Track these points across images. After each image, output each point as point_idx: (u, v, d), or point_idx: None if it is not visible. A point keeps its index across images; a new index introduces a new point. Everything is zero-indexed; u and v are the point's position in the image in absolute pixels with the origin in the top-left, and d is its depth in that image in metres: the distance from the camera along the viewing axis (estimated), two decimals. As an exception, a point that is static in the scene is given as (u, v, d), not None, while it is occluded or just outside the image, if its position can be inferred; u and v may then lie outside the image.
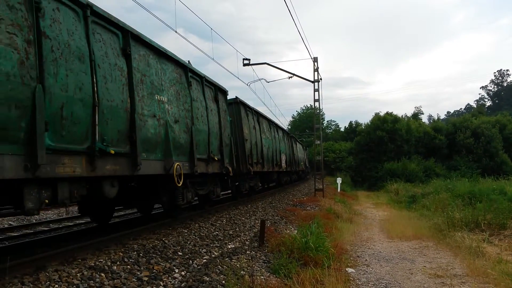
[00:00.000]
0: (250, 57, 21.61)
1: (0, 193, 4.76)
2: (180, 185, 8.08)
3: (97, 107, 5.69)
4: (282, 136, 23.64)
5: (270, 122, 20.50)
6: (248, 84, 27.17)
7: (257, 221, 10.48)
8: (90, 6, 5.84)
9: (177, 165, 8.02)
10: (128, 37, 6.84)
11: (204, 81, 10.42)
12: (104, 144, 5.85)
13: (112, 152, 5.98)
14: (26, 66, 4.52)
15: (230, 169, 11.67)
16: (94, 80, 5.72)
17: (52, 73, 4.93)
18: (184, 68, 9.24)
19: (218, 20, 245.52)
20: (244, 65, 21.70)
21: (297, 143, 32.94)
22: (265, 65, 22.59)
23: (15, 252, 6.10)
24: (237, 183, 14.40)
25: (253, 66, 22.02)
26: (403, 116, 46.15)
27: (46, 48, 4.86)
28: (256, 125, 16.56)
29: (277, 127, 22.53)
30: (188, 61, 9.73)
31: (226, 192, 13.99)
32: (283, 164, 22.27)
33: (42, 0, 4.90)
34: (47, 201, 5.07)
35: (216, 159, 10.66)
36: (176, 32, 13.06)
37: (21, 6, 4.57)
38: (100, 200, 7.23)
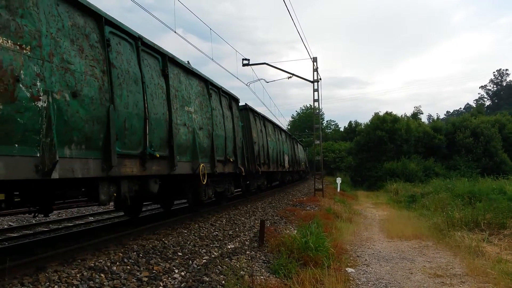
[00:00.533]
0: (249, 57, 21.61)
1: (81, 188, 6.41)
2: (204, 183, 9.51)
3: (147, 120, 7.10)
4: (285, 138, 25.21)
5: (274, 125, 22.09)
6: (248, 84, 27.30)
7: (256, 221, 10.49)
8: (141, 38, 7.30)
9: (202, 166, 9.46)
10: (166, 60, 8.26)
11: (220, 92, 12.05)
12: (152, 149, 7.24)
13: (157, 155, 7.40)
14: (103, 91, 5.90)
15: (243, 169, 13.14)
16: (145, 98, 7.11)
17: (119, 95, 6.33)
18: (205, 82, 10.79)
19: (217, 20, 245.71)
20: (244, 65, 21.70)
21: (298, 144, 34.44)
22: (265, 65, 22.62)
23: (15, 252, 6.10)
24: (248, 182, 15.66)
25: (252, 66, 22.04)
26: (403, 115, 46.05)
27: (114, 75, 6.25)
28: (263, 128, 17.96)
29: (280, 129, 24.06)
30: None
31: (237, 190, 15.02)
32: (286, 164, 23.72)
33: (110, 38, 6.36)
34: (115, 194, 6.54)
35: (231, 160, 12.19)
36: (175, 32, 13.03)
37: (98, 44, 5.99)
38: (145, 195, 8.28)
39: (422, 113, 61.11)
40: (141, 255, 6.08)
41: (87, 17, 5.89)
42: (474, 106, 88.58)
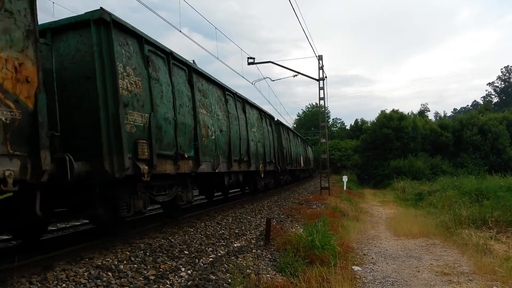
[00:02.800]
0: (254, 56, 21.66)
1: (216, 178, 10.66)
2: (262, 176, 15.07)
3: (177, 125, 7.99)
4: (300, 142, 30.96)
5: (294, 133, 28.63)
6: (253, 83, 27.21)
7: (262, 220, 10.49)
8: (171, 53, 8.17)
9: (261, 165, 14.83)
10: (191, 71, 9.23)
11: (266, 115, 17.35)
12: (182, 150, 8.13)
13: (186, 156, 8.35)
14: (145, 103, 6.98)
15: (279, 168, 18.96)
16: (175, 106, 8.05)
17: (156, 105, 7.29)
18: (259, 110, 16.36)
19: (222, 19, 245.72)
20: (249, 64, 21.69)
21: (308, 146, 39.86)
22: (270, 63, 22.59)
23: (23, 251, 6.15)
24: (281, 177, 21.90)
25: (258, 65, 22.02)
26: (409, 113, 45.93)
27: (153, 89, 7.24)
28: (287, 136, 23.67)
29: (297, 136, 30.13)
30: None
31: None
32: (302, 164, 29.85)
33: (151, 56, 7.41)
34: (230, 181, 11.59)
35: (273, 161, 17.52)
36: (180, 31, 13.06)
37: (140, 61, 7.03)
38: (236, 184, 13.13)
39: (429, 111, 60.96)
40: (148, 253, 6.12)
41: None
42: (482, 103, 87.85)
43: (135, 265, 5.48)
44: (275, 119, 20.40)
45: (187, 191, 9.11)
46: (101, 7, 6.15)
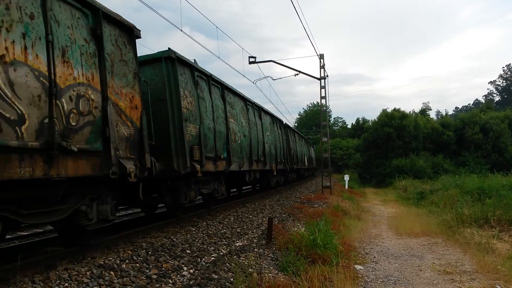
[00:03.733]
0: (256, 55, 21.71)
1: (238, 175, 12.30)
2: (275, 174, 17.75)
3: (215, 133, 10.22)
4: (304, 143, 33.41)
5: (299, 135, 31.07)
6: (255, 82, 27.46)
7: (264, 219, 10.49)
8: (210, 76, 10.47)
9: (274, 165, 17.12)
10: (224, 88, 11.54)
11: (277, 120, 20.14)
12: (219, 153, 10.35)
13: (221, 157, 10.55)
14: (197, 117, 9.22)
15: (288, 167, 21.58)
16: (214, 118, 10.32)
17: (203, 118, 9.54)
18: (272, 116, 19.07)
19: (224, 18, 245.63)
20: (250, 63, 21.68)
21: (311, 146, 42.29)
22: (271, 62, 22.56)
23: (26, 251, 6.16)
24: (289, 175, 24.21)
25: (259, 64, 22.02)
26: (411, 112, 45.75)
27: (200, 106, 9.49)
28: (294, 138, 26.29)
29: (302, 137, 32.87)
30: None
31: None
32: (306, 163, 32.58)
33: (198, 79, 9.64)
34: (251, 178, 13.84)
35: (283, 161, 20.06)
36: (181, 31, 13.08)
37: (192, 85, 9.21)
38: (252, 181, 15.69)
39: (431, 109, 60.80)
40: (150, 252, 6.12)
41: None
42: (483, 101, 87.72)
43: (137, 264, 5.49)
44: (283, 123, 22.88)
45: (221, 185, 11.36)
46: (169, 48, 8.43)
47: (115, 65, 6.32)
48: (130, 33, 6.86)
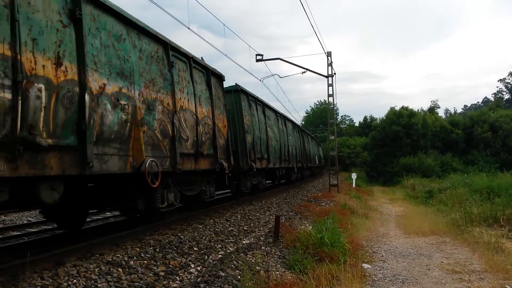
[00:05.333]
0: (263, 53, 21.69)
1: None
2: (296, 171, 22.10)
3: (261, 140, 14.24)
4: (315, 143, 37.88)
5: (312, 136, 35.89)
6: (262, 80, 27.18)
7: (271, 217, 10.49)
8: (257, 98, 14.67)
9: (295, 164, 21.16)
10: (264, 105, 15.96)
11: (296, 126, 24.85)
12: (262, 155, 14.24)
13: (264, 157, 14.68)
14: (251, 129, 13.39)
15: (304, 165, 26.12)
16: (260, 128, 14.52)
17: (254, 129, 13.66)
18: (295, 124, 23.85)
19: (230, 15, 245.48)
20: (257, 60, 21.66)
21: (319, 145, 45.73)
22: (278, 60, 22.53)
23: (35, 247, 6.21)
24: (306, 172, 28.95)
25: (266, 62, 22.00)
26: (419, 110, 45.36)
27: (253, 121, 13.60)
28: (308, 140, 30.71)
29: (314, 138, 37.31)
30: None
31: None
32: (317, 161, 36.98)
33: (251, 102, 13.73)
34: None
35: (301, 160, 24.40)
36: (189, 29, 13.08)
37: (248, 106, 13.43)
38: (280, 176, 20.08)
39: (439, 107, 59.99)
40: (157, 250, 6.14)
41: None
42: (493, 99, 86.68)
43: (145, 261, 5.51)
44: (300, 127, 27.54)
45: (263, 178, 15.83)
46: (236, 83, 12.97)
47: (216, 101, 10.35)
48: (221, 79, 11.05)
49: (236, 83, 12.80)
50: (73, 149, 5.11)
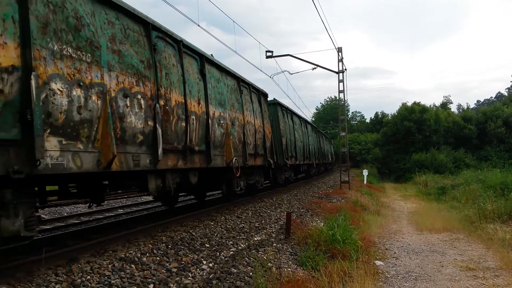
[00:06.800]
0: (272, 49, 21.52)
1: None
2: (314, 166, 26.91)
3: (291, 141, 17.84)
4: (328, 141, 40.57)
5: (325, 135, 38.80)
6: (272, 77, 27.47)
7: (282, 214, 10.47)
8: (287, 107, 18.59)
9: (313, 160, 25.03)
10: (292, 112, 19.65)
11: (314, 127, 28.68)
12: (292, 153, 17.74)
13: (293, 156, 17.77)
14: (285, 133, 16.97)
15: (320, 162, 29.29)
16: (289, 132, 17.93)
17: (288, 133, 17.55)
18: (315, 128, 29.60)
19: (240, 12, 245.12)
20: (267, 57, 21.56)
21: (331, 142, 47.53)
22: (288, 57, 22.44)
23: (49, 244, 6.29)
24: (321, 168, 33.26)
25: (276, 58, 21.91)
26: (432, 105, 44.93)
27: (285, 126, 17.16)
28: (323, 139, 33.58)
29: (326, 137, 39.65)
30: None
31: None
32: (329, 158, 40.15)
33: (284, 112, 17.80)
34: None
35: (317, 157, 27.57)
36: (198, 25, 13.07)
37: (281, 115, 16.95)
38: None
39: (452, 103, 59.40)
40: (169, 246, 6.17)
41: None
42: (506, 94, 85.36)
43: (157, 258, 5.54)
44: (316, 128, 30.49)
45: (292, 173, 19.31)
46: (274, 98, 16.55)
47: (264, 114, 13.69)
48: (266, 96, 14.47)
49: (274, 98, 16.49)
50: (204, 152, 8.54)
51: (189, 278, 4.95)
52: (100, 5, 5.54)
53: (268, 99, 15.61)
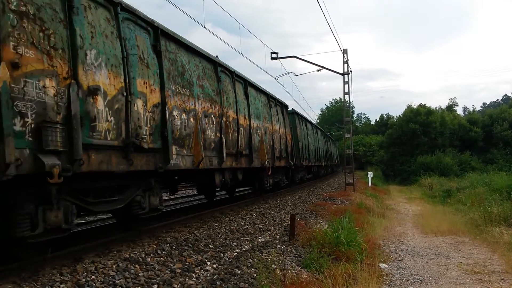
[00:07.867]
0: (278, 51, 21.69)
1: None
2: (323, 168, 29.50)
3: (306, 145, 20.53)
4: (333, 143, 42.42)
5: (331, 139, 41.76)
6: (277, 78, 27.11)
7: (286, 215, 10.46)
8: (302, 116, 22.61)
9: (323, 162, 28.10)
10: (306, 120, 23.47)
11: (323, 132, 32.63)
12: (306, 155, 20.34)
13: (306, 158, 20.44)
14: (301, 138, 19.89)
15: (329, 163, 32.82)
16: (304, 137, 20.65)
17: (304, 138, 20.69)
18: (324, 133, 33.60)
19: (245, 13, 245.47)
20: (272, 58, 21.60)
21: (336, 144, 49.39)
22: (293, 58, 22.46)
23: (53, 244, 6.31)
24: (329, 169, 35.22)
25: (281, 60, 21.95)
26: (437, 108, 44.64)
27: (301, 132, 20.28)
28: (330, 142, 36.15)
29: (332, 140, 42.45)
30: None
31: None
32: (336, 160, 42.44)
33: (300, 119, 21.05)
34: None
35: (326, 159, 29.98)
36: (204, 27, 13.11)
37: (298, 122, 20.18)
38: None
39: (458, 105, 58.91)
40: (174, 247, 6.19)
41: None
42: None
43: (161, 258, 5.55)
44: (324, 132, 33.22)
45: (305, 173, 21.85)
46: (292, 108, 19.38)
47: (286, 123, 16.04)
48: (287, 107, 17.01)
49: (292, 108, 19.12)
50: (247, 156, 10.82)
51: (193, 279, 4.96)
52: (192, 54, 8.11)
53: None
